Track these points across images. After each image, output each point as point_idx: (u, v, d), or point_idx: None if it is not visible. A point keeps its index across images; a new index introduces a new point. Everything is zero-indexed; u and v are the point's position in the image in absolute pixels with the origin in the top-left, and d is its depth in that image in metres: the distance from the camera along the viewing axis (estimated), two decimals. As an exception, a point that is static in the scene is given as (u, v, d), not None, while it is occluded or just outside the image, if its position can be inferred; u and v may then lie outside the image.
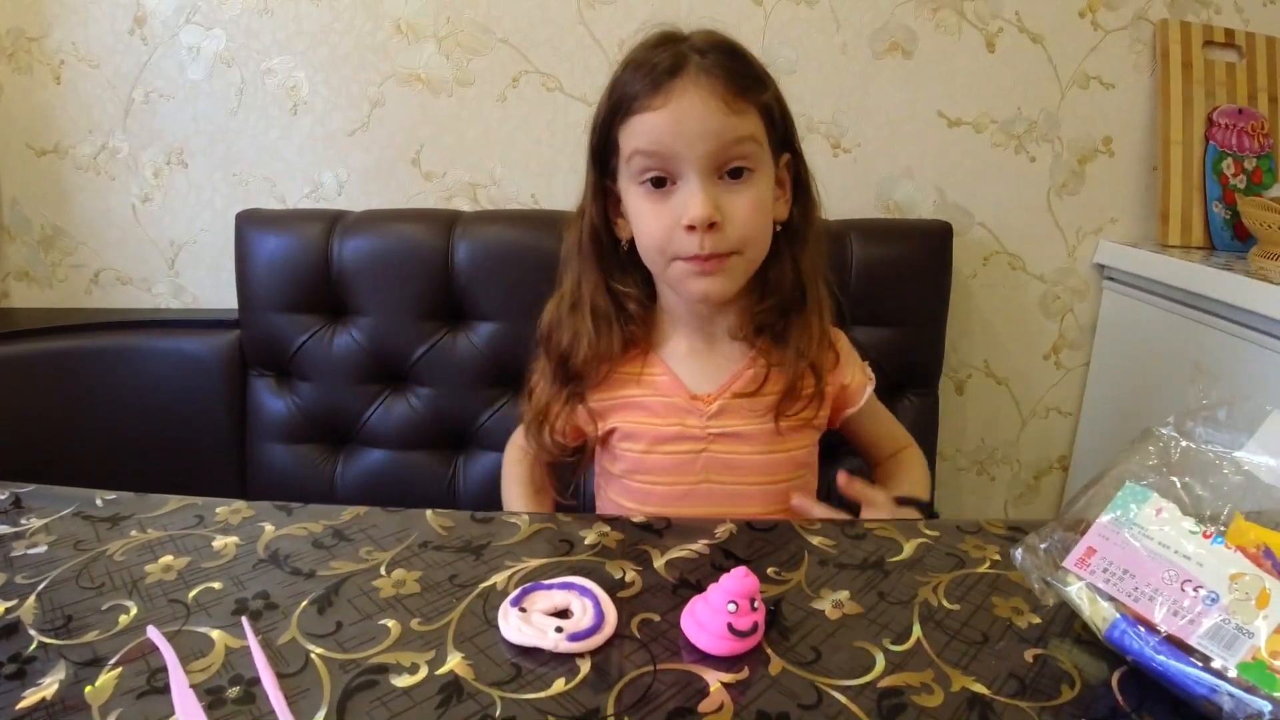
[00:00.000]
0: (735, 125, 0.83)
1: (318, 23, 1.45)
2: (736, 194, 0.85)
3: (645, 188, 0.86)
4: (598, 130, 0.89)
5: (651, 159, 0.84)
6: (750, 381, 0.94)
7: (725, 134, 0.83)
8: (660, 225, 0.85)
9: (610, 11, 1.45)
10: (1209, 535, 0.57)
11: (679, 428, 0.94)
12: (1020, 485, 1.74)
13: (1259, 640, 0.52)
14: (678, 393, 0.95)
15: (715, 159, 0.84)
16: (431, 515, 0.76)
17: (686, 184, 0.84)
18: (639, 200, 0.87)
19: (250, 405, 1.42)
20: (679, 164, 0.83)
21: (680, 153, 0.83)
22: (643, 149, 0.84)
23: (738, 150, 0.84)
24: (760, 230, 0.88)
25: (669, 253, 0.87)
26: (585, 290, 0.94)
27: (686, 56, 0.83)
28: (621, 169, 0.88)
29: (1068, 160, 1.56)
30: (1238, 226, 1.52)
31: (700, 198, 0.82)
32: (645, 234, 0.88)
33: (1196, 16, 1.54)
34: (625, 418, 0.96)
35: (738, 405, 0.94)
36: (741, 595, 0.57)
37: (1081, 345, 1.66)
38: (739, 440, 0.94)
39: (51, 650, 0.57)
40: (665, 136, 0.83)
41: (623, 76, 0.86)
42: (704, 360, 0.97)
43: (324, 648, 0.57)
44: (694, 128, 0.82)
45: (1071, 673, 0.58)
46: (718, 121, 0.82)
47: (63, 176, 1.53)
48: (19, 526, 0.73)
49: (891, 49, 1.49)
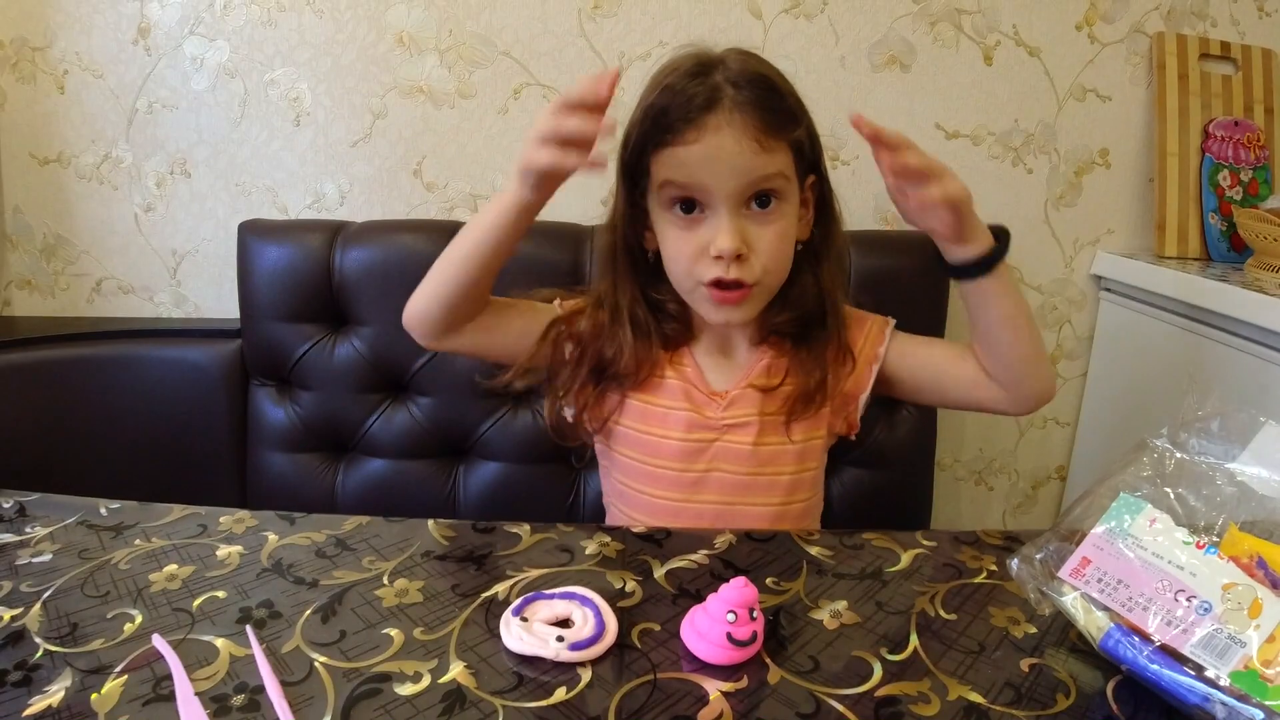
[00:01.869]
0: (765, 163, 0.85)
1: (321, 34, 1.46)
2: (763, 225, 0.87)
3: (674, 214, 0.88)
4: (630, 150, 0.90)
5: (681, 189, 0.86)
6: (764, 373, 0.96)
7: (755, 171, 0.85)
8: (688, 251, 0.88)
9: (611, 24, 1.46)
10: (1202, 546, 0.57)
11: (695, 415, 0.96)
12: (1018, 495, 1.75)
13: (1251, 649, 0.52)
14: (699, 384, 0.97)
15: (744, 191, 0.86)
16: (433, 525, 0.77)
17: (715, 215, 0.86)
18: (667, 225, 0.90)
19: (251, 414, 1.42)
20: (708, 196, 0.85)
21: (710, 186, 0.85)
22: (674, 181, 0.86)
23: (767, 185, 0.86)
24: (783, 261, 0.91)
25: (694, 276, 0.89)
26: (622, 301, 0.96)
27: (721, 90, 0.84)
28: (651, 192, 0.90)
29: (1065, 172, 1.57)
30: (1234, 238, 1.53)
31: (728, 230, 0.85)
32: (673, 258, 0.90)
33: (1192, 29, 1.55)
34: (646, 397, 0.98)
35: (751, 395, 0.96)
36: (740, 605, 0.58)
37: (1079, 356, 1.67)
38: (750, 430, 0.95)
39: (57, 658, 0.57)
40: (696, 171, 0.85)
41: (657, 102, 0.86)
42: (726, 359, 0.99)
43: (328, 656, 0.58)
44: (725, 165, 0.84)
45: (1067, 682, 0.58)
46: (748, 160, 0.84)
47: (65, 185, 1.54)
48: (24, 535, 0.73)
49: (890, 62, 1.50)
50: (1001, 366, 0.92)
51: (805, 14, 1.47)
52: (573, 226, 1.38)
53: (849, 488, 1.36)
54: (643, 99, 0.90)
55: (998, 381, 0.93)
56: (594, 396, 0.99)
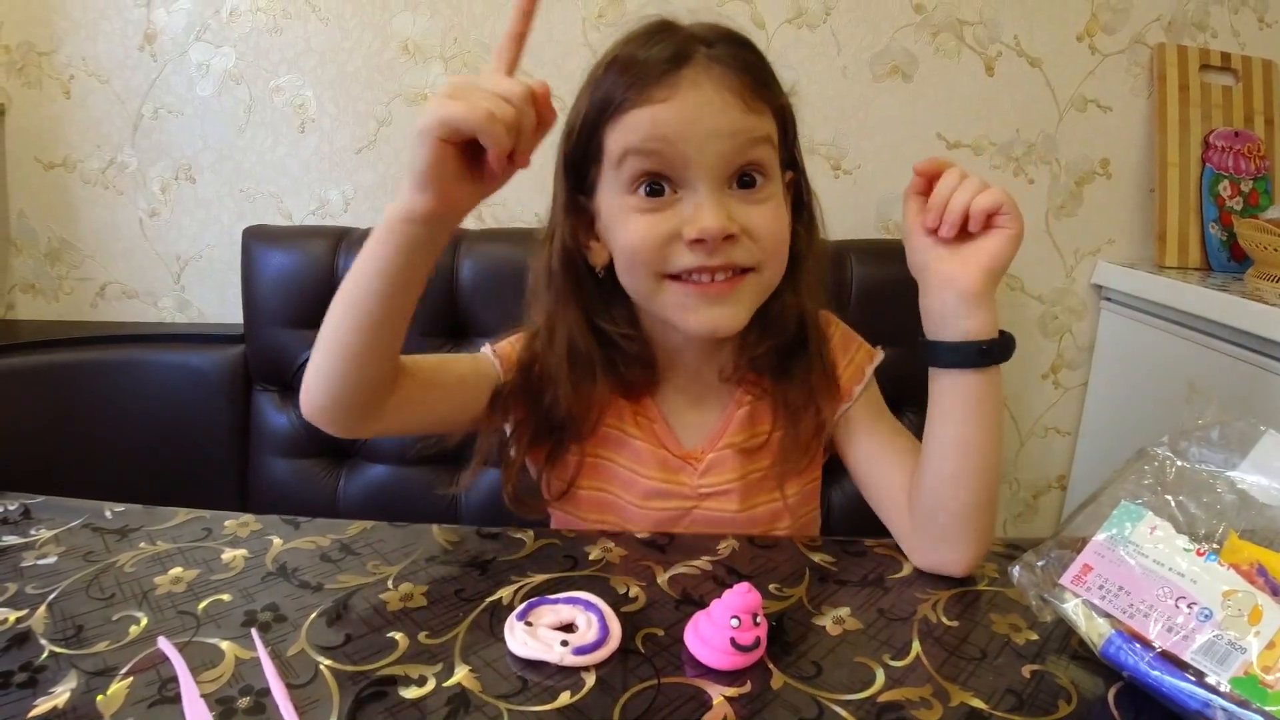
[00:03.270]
0: (754, 125, 0.71)
1: (326, 42, 1.47)
2: (753, 205, 0.72)
3: (636, 197, 0.72)
4: (576, 136, 0.75)
5: (650, 159, 0.70)
6: (744, 426, 0.84)
7: (742, 134, 0.70)
8: (654, 236, 0.71)
9: (615, 33, 1.46)
10: (1202, 553, 0.58)
11: (667, 484, 0.84)
12: (1019, 504, 1.75)
13: (1251, 655, 0.52)
14: (670, 445, 0.84)
15: (729, 163, 0.71)
16: (437, 530, 0.77)
17: (692, 193, 0.71)
18: (626, 213, 0.73)
19: (254, 420, 1.42)
20: (684, 168, 0.70)
21: (688, 155, 0.69)
22: (639, 147, 0.70)
23: (754, 154, 0.72)
24: (782, 246, 0.75)
25: (662, 269, 0.73)
26: (559, 330, 0.79)
27: (692, 45, 0.71)
28: (605, 178, 0.74)
29: (1066, 182, 1.58)
30: (1234, 248, 1.53)
31: (710, 207, 0.69)
32: (633, 247, 0.73)
33: (1193, 40, 1.56)
34: (615, 455, 0.85)
35: (729, 458, 0.84)
36: (744, 610, 0.58)
37: (1080, 365, 1.67)
38: (730, 497, 0.83)
39: (63, 659, 0.57)
40: (669, 133, 0.69)
41: (608, 66, 0.73)
42: (694, 408, 0.85)
43: (333, 659, 0.58)
44: (706, 124, 0.69)
45: (1068, 688, 0.58)
46: (734, 118, 0.70)
47: (70, 190, 1.55)
48: (29, 537, 0.74)
49: (892, 72, 1.51)
50: (925, 506, 0.74)
51: (808, 24, 1.48)
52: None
53: (850, 497, 1.36)
54: (591, 77, 0.75)
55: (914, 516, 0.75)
56: (548, 456, 0.83)
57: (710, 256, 0.71)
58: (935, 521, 0.73)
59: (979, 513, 0.71)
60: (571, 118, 0.76)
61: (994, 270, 0.69)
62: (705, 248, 0.70)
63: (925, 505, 0.74)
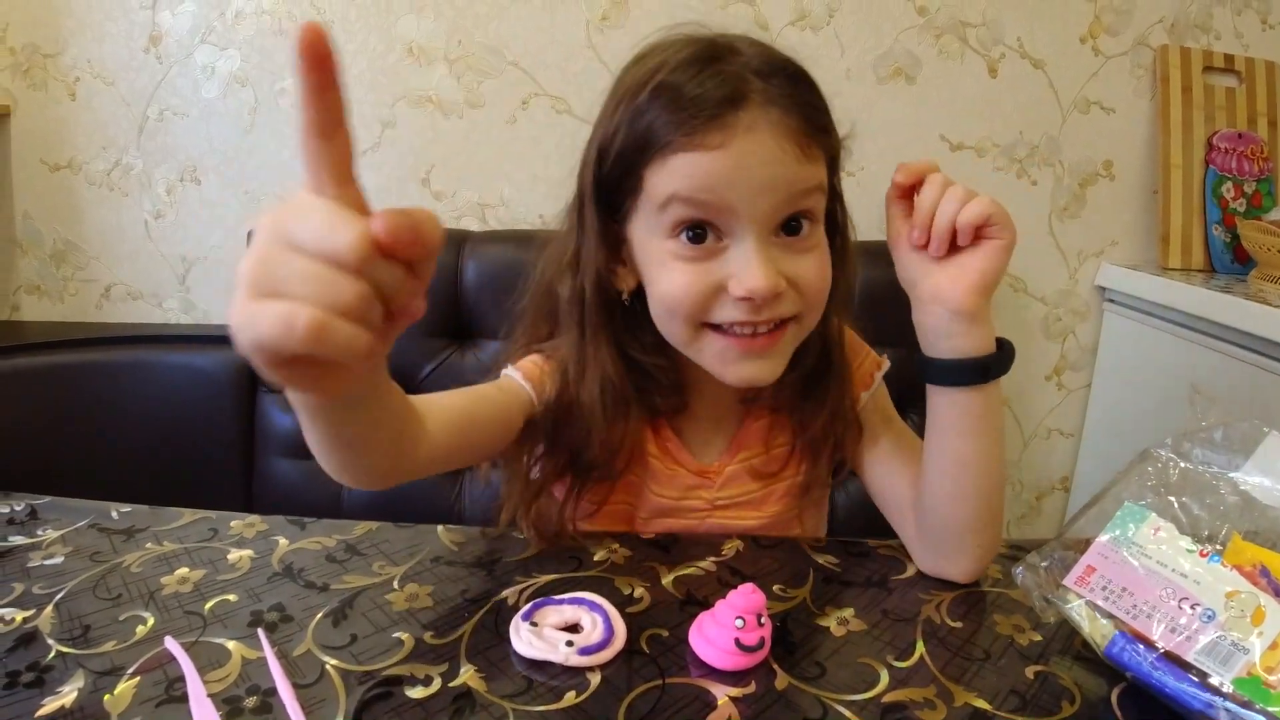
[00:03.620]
0: (808, 175, 0.67)
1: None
2: (799, 255, 0.69)
3: (678, 242, 0.68)
4: (610, 164, 0.70)
5: (697, 209, 0.66)
6: (757, 439, 0.84)
7: (796, 184, 0.66)
8: (698, 288, 0.67)
9: (619, 35, 1.47)
10: (1205, 554, 0.58)
11: (683, 503, 0.83)
12: (1023, 506, 1.75)
13: (1254, 656, 0.53)
14: (685, 463, 0.83)
15: (778, 214, 0.67)
16: (443, 531, 0.77)
17: (739, 245, 0.67)
18: (665, 256, 0.69)
19: (258, 420, 1.43)
20: (731, 218, 0.66)
21: (737, 206, 0.65)
22: (687, 196, 0.65)
23: (805, 204, 0.68)
24: (824, 295, 0.72)
25: (703, 319, 0.69)
26: (591, 369, 0.75)
27: (747, 82, 0.65)
28: (641, 214, 0.70)
29: (1069, 184, 1.58)
30: (1238, 249, 1.54)
31: (759, 265, 0.65)
32: (675, 298, 0.69)
33: (1196, 42, 1.57)
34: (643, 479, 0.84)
35: (743, 471, 0.83)
36: (748, 611, 0.58)
37: (1083, 367, 1.67)
38: (746, 507, 0.84)
39: (70, 659, 0.58)
40: (719, 184, 0.64)
41: (654, 103, 0.66)
42: (710, 423, 0.84)
43: (339, 659, 0.58)
44: (759, 177, 0.65)
45: (1072, 689, 0.59)
46: (789, 169, 0.66)
47: (76, 192, 1.55)
48: (35, 537, 0.74)
49: (895, 74, 1.52)
50: (926, 519, 0.73)
51: (811, 26, 1.48)
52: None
53: (854, 498, 1.36)
54: (627, 85, 0.69)
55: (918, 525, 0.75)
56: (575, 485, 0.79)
57: (756, 313, 0.68)
58: (936, 534, 0.73)
59: (980, 526, 0.71)
60: (604, 141, 0.70)
61: (986, 286, 0.66)
62: (752, 305, 0.67)
63: (926, 518, 0.73)
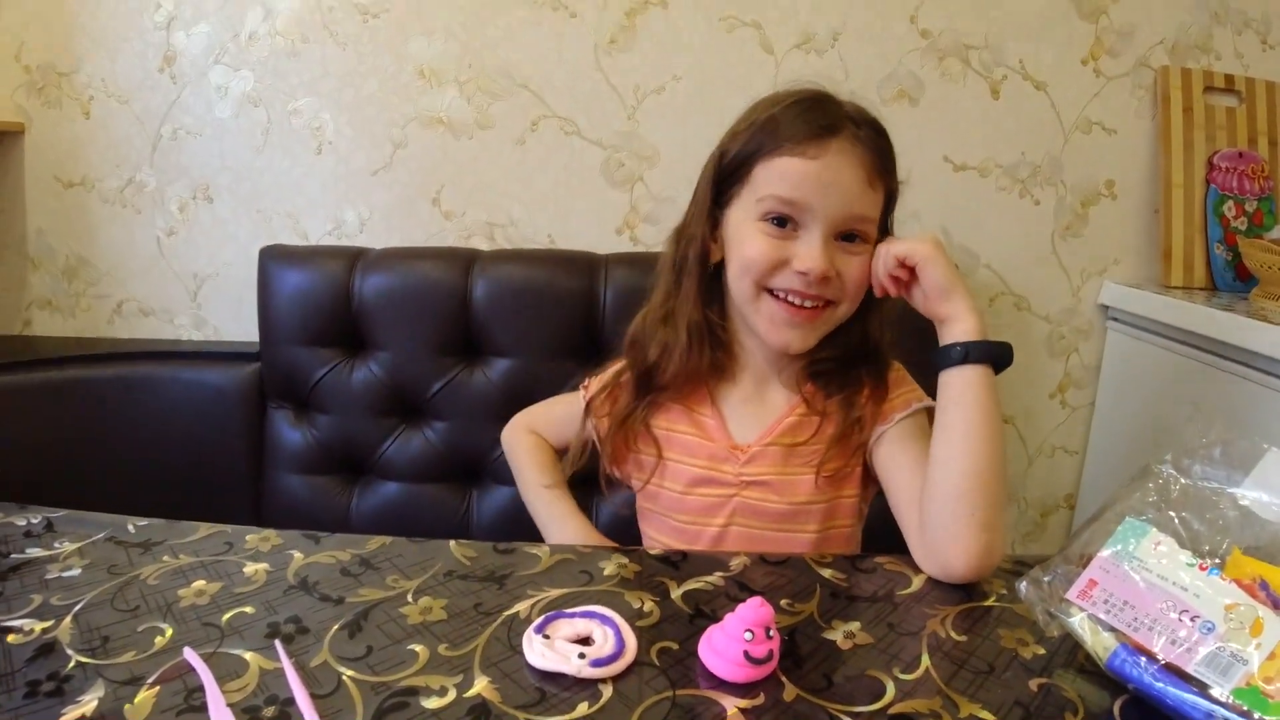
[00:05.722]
0: (869, 202, 0.88)
1: (343, 66, 1.49)
2: (849, 256, 0.89)
3: (766, 224, 0.88)
4: (733, 159, 0.91)
5: (786, 204, 0.87)
6: (789, 431, 0.95)
7: (857, 203, 0.87)
8: (770, 255, 0.88)
9: (626, 59, 1.50)
10: (1205, 567, 0.59)
11: (712, 472, 0.96)
12: (1028, 523, 1.76)
13: (1253, 667, 0.54)
14: (720, 438, 0.96)
15: (842, 222, 0.87)
16: (455, 546, 0.78)
17: (808, 234, 0.87)
18: (753, 231, 0.89)
19: (268, 436, 1.44)
20: (807, 215, 0.87)
21: (815, 205, 0.86)
22: (781, 194, 0.87)
23: (859, 226, 0.89)
24: (860, 292, 0.91)
25: (765, 282, 0.89)
26: (682, 306, 0.96)
27: (844, 122, 0.88)
28: (742, 199, 0.91)
29: (1071, 203, 1.60)
30: (1239, 268, 1.55)
31: (820, 250, 0.86)
32: (749, 257, 0.89)
33: (1197, 63, 1.58)
34: (670, 453, 0.98)
35: (773, 453, 0.95)
36: (757, 624, 0.59)
37: (1087, 385, 1.68)
38: (769, 489, 0.94)
39: (89, 669, 0.59)
40: (807, 186, 0.86)
41: (777, 115, 0.89)
42: (753, 407, 0.98)
43: (355, 670, 0.59)
44: (836, 188, 0.86)
45: (1075, 701, 0.60)
46: (857, 190, 0.87)
47: (89, 209, 1.57)
48: (53, 550, 0.75)
49: (899, 96, 1.54)
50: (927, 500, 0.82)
51: (816, 49, 1.51)
52: (587, 255, 1.41)
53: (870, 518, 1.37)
54: (752, 115, 0.92)
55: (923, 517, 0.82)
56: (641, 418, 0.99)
57: (808, 286, 0.88)
58: (931, 509, 0.81)
59: (972, 499, 0.78)
60: (729, 143, 0.93)
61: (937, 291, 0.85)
62: (805, 280, 0.87)
63: (925, 492, 0.83)
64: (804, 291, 0.88)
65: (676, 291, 0.97)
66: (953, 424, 0.82)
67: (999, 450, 0.80)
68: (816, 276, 0.86)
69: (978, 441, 0.80)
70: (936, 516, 0.79)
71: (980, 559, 0.76)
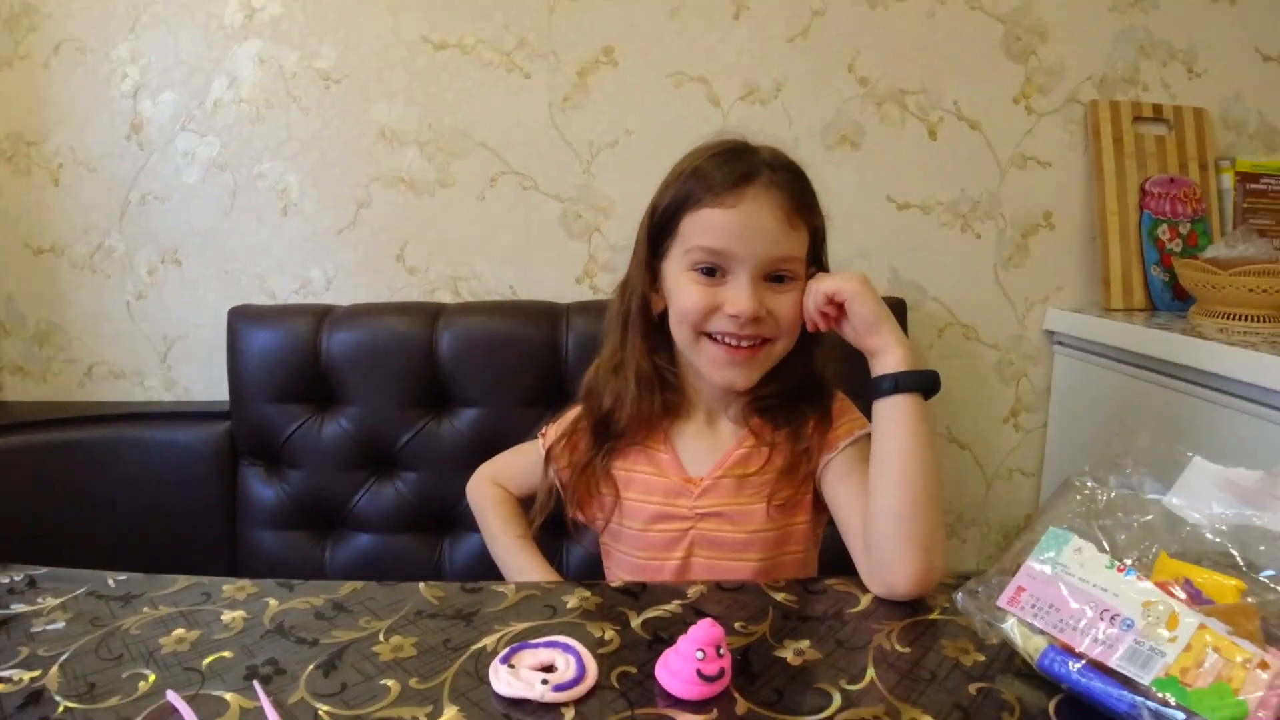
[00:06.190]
0: (791, 242, 0.93)
1: (307, 130, 1.54)
2: (778, 294, 0.93)
3: (696, 274, 0.93)
4: (661, 213, 0.96)
5: (710, 253, 0.92)
6: (739, 463, 0.99)
7: (778, 246, 0.92)
8: (703, 303, 0.92)
9: (580, 115, 1.56)
10: (1122, 569, 0.64)
11: (668, 507, 0.99)
12: (990, 545, 1.80)
13: (1170, 658, 0.58)
14: (674, 472, 1.00)
15: (766, 264, 0.92)
16: (424, 587, 0.82)
17: (736, 279, 0.91)
18: (685, 282, 0.94)
19: (241, 493, 1.46)
20: (733, 261, 0.91)
21: (738, 252, 0.90)
22: (706, 245, 0.91)
23: (785, 266, 0.93)
24: (795, 327, 0.95)
25: (702, 327, 0.93)
26: (630, 356, 1.00)
27: (760, 168, 0.92)
28: (674, 252, 0.95)
29: (1012, 235, 1.67)
30: (1176, 288, 1.62)
31: (748, 293, 0.90)
32: (685, 307, 0.94)
33: (1125, 94, 1.66)
34: (628, 492, 1.02)
35: (725, 485, 0.98)
36: (708, 643, 0.63)
37: (1038, 408, 1.74)
38: (724, 519, 0.98)
39: (78, 714, 0.61)
40: (727, 237, 0.90)
41: (698, 169, 0.94)
42: (705, 441, 1.02)
43: (331, 705, 0.62)
44: (756, 233, 0.90)
45: (1012, 702, 0.63)
46: (777, 233, 0.91)
47: (59, 274, 1.59)
48: (36, 605, 0.77)
49: (841, 141, 1.61)
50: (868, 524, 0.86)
51: (760, 100, 1.58)
52: (549, 305, 1.45)
53: (825, 543, 1.40)
54: (678, 169, 0.97)
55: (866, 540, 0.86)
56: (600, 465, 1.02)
57: (741, 328, 0.92)
58: (873, 532, 0.85)
59: (910, 522, 0.83)
60: (658, 201, 0.98)
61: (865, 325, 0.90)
62: (738, 322, 0.91)
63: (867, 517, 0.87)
64: (738, 333, 0.92)
65: (624, 343, 1.01)
66: (888, 452, 0.86)
67: (934, 473, 0.85)
68: (747, 318, 0.90)
69: (913, 465, 0.84)
70: (878, 539, 0.84)
71: (921, 576, 0.80)
